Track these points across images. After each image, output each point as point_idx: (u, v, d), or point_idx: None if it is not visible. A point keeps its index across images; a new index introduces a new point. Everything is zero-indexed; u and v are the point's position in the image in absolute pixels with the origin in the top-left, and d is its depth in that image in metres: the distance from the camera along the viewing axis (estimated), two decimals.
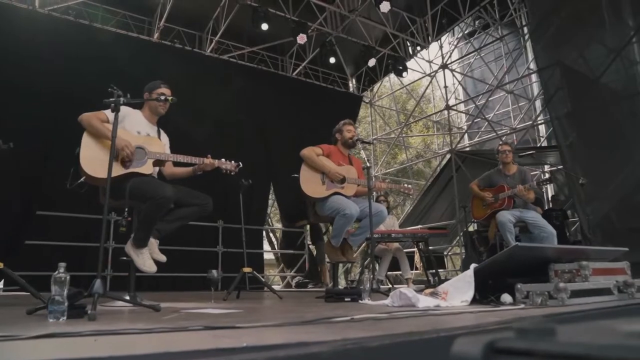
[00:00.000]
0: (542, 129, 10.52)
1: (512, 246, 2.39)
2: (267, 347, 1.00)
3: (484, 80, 11.14)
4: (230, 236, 7.31)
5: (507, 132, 9.80)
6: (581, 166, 6.54)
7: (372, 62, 8.84)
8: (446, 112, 9.30)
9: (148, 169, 2.90)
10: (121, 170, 2.82)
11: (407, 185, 4.22)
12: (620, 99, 6.56)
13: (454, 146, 8.60)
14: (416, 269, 8.08)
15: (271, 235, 16.47)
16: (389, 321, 1.74)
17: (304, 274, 8.86)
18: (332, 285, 4.15)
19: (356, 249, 4.21)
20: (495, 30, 10.00)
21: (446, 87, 9.27)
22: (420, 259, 5.77)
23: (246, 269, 4.02)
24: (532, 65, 9.52)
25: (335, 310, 2.27)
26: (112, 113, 2.91)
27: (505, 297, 2.41)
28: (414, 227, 8.97)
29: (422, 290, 2.88)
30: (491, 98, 10.59)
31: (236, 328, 1.50)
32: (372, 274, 3.37)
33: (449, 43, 11.39)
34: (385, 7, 7.31)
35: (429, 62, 10.82)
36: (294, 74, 9.67)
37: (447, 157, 9.04)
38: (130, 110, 3.10)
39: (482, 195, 5.05)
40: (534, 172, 10.19)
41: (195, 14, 8.41)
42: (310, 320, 1.68)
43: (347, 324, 1.67)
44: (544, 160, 9.35)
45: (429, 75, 10.45)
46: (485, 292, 2.61)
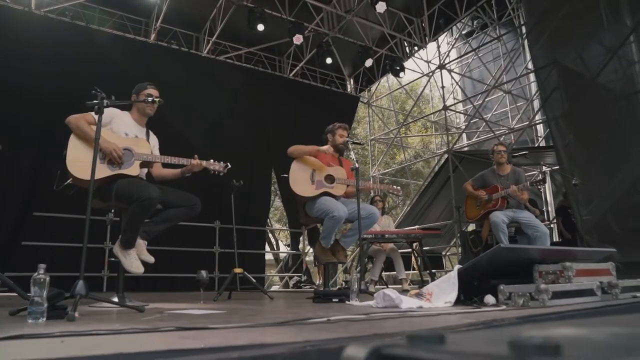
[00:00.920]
0: (540, 128, 10.50)
1: (495, 247, 2.40)
2: (223, 348, 1.01)
3: (482, 80, 11.14)
4: (229, 237, 7.33)
5: (505, 132, 9.78)
6: (578, 166, 6.53)
7: (369, 63, 8.85)
8: (444, 112, 9.28)
9: (135, 170, 2.91)
10: (108, 172, 2.84)
11: (395, 187, 4.22)
12: (619, 99, 6.54)
13: (451, 146, 8.58)
14: (413, 269, 8.10)
15: (270, 236, 16.52)
16: (365, 323, 1.74)
17: (302, 274, 8.88)
18: (323, 286, 4.15)
19: (348, 249, 4.21)
20: (494, 30, 9.99)
21: (443, 87, 9.27)
22: (415, 259, 5.77)
23: (237, 270, 4.04)
24: (531, 65, 9.49)
25: (317, 311, 2.27)
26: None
27: (489, 299, 2.42)
28: (411, 227, 8.98)
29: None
30: (489, 98, 10.58)
31: (208, 329, 1.51)
32: (360, 275, 3.37)
33: (448, 43, 11.37)
34: (381, 7, 7.31)
35: (427, 62, 10.81)
36: (291, 74, 9.69)
37: (445, 157, 9.02)
38: (118, 112, 3.11)
39: (475, 195, 5.05)
40: (531, 172, 10.17)
41: (192, 15, 8.42)
42: (285, 322, 1.69)
43: (323, 325, 1.68)
44: (542, 161, 9.33)
45: (427, 75, 10.44)
46: (470, 293, 2.62)
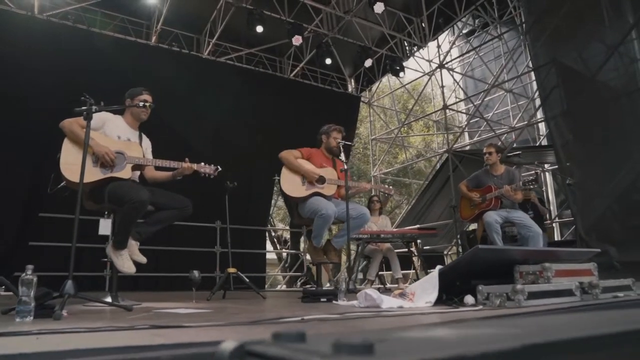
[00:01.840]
0: (542, 127, 10.48)
1: (474, 248, 2.44)
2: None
3: (484, 79, 11.13)
4: (231, 237, 7.42)
5: (506, 131, 9.77)
6: (578, 165, 6.52)
7: (369, 63, 8.89)
8: (445, 111, 9.29)
9: (127, 173, 2.99)
10: (100, 175, 2.91)
11: (388, 187, 4.26)
12: (620, 96, 6.52)
13: (451, 146, 8.60)
14: (414, 268, 8.12)
15: (273, 234, 16.61)
16: (337, 322, 1.80)
17: (303, 274, 8.94)
18: (315, 285, 4.21)
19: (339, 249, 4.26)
20: (494, 28, 9.98)
21: (443, 86, 9.29)
22: (411, 259, 5.81)
23: (231, 270, 4.11)
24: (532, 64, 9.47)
25: (296, 310, 2.33)
26: (94, 120, 3.03)
27: (468, 299, 2.46)
28: (411, 227, 9.01)
29: None
30: (491, 97, 10.57)
31: (182, 327, 1.57)
32: (349, 275, 3.43)
33: (449, 42, 11.37)
34: (379, 7, 7.35)
35: (429, 61, 10.82)
36: (292, 75, 9.75)
37: (445, 156, 9.04)
38: (110, 116, 3.19)
39: (469, 195, 5.09)
40: (532, 172, 10.14)
41: (192, 17, 8.51)
42: (257, 321, 1.75)
43: (294, 324, 1.74)
44: (543, 160, 9.31)
45: (428, 74, 10.45)
46: (453, 293, 2.66)
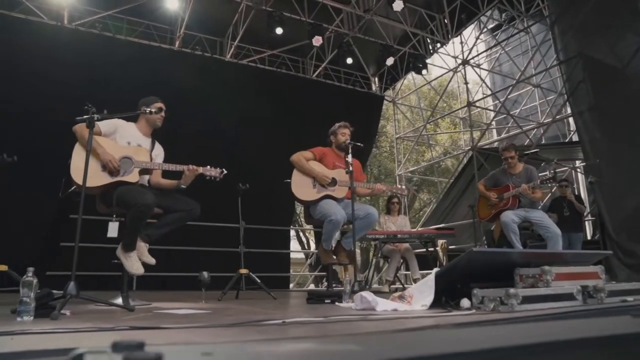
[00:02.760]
0: (572, 122, 10.11)
1: (469, 251, 2.40)
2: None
3: (512, 75, 10.83)
4: (253, 237, 7.54)
5: (534, 127, 9.48)
6: (607, 162, 6.27)
7: (390, 61, 8.82)
8: (469, 108, 9.11)
9: (134, 177, 3.09)
10: (108, 180, 3.03)
11: (401, 187, 4.22)
12: None
13: (475, 143, 8.42)
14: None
15: (301, 234, 16.72)
16: (317, 325, 1.82)
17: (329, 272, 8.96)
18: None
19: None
20: (521, 22, 9.70)
21: (467, 83, 9.10)
22: (431, 259, 5.74)
23: (242, 270, 4.18)
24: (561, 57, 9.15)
25: (297, 312, 2.36)
26: (104, 125, 3.16)
27: (464, 302, 2.43)
28: (437, 226, 8.89)
29: None
30: (519, 92, 10.28)
31: (160, 329, 1.63)
32: (354, 276, 3.43)
33: (476, 37, 11.13)
34: (398, 5, 7.29)
35: (455, 57, 10.62)
36: (314, 75, 9.78)
37: (471, 154, 8.87)
38: (123, 122, 3.31)
39: (487, 195, 4.99)
40: (562, 169, 9.80)
41: (215, 21, 8.68)
42: (237, 323, 1.79)
43: (277, 327, 1.77)
44: (574, 156, 9.00)
45: (452, 70, 10.27)
46: (453, 296, 2.63)
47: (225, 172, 3.43)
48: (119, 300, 3.12)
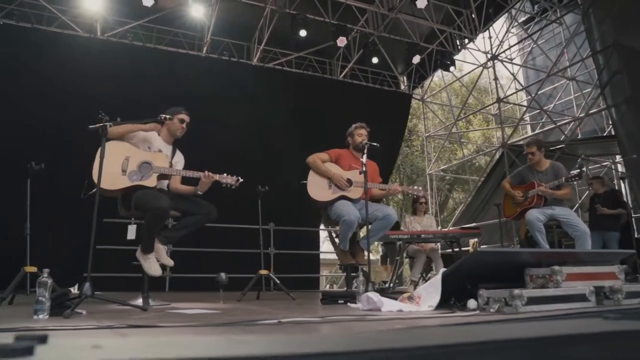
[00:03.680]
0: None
1: (474, 252, 2.36)
2: None
3: (546, 68, 10.45)
4: (283, 239, 7.64)
5: (569, 121, 9.12)
6: None
7: (417, 59, 8.72)
8: (499, 104, 8.88)
9: (152, 182, 3.21)
10: (128, 183, 3.16)
11: (417, 188, 4.17)
12: None
13: (506, 140, 8.20)
14: None
15: (334, 235, 16.72)
16: (312, 325, 1.84)
17: (357, 274, 8.93)
18: (347, 287, 4.23)
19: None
20: (554, 13, 9.36)
21: (496, 79, 8.85)
22: (454, 259, 5.63)
23: (262, 272, 4.25)
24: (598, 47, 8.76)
25: (292, 312, 2.39)
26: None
27: (471, 303, 2.40)
28: (469, 225, 8.70)
29: None
30: (553, 86, 9.93)
31: (156, 327, 1.70)
32: (368, 276, 3.43)
33: (507, 31, 10.83)
34: (421, 3, 7.20)
35: (485, 53, 10.37)
36: (342, 76, 9.78)
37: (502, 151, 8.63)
38: (145, 128, 3.44)
39: (512, 193, 4.85)
40: (603, 163, 9.38)
41: (241, 26, 8.82)
42: (232, 323, 1.84)
43: (269, 327, 1.80)
44: (613, 151, 8.60)
45: (483, 66, 10.03)
46: (463, 297, 2.59)
47: (242, 180, 3.49)
48: (139, 301, 3.24)
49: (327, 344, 0.61)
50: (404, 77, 10.79)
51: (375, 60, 8.70)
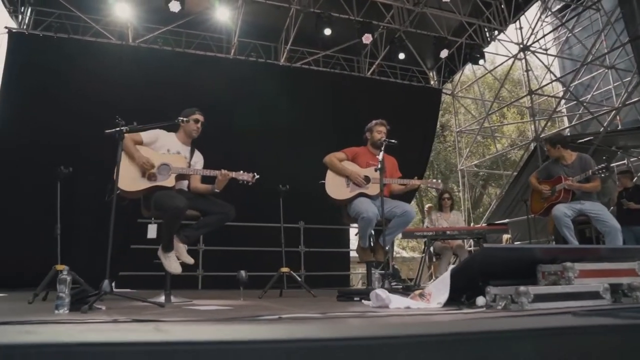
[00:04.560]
0: None
1: (481, 248, 2.32)
2: None
3: (582, 57, 10.02)
4: (314, 237, 7.70)
5: (607, 111, 8.71)
6: None
7: (444, 54, 8.57)
8: (530, 97, 8.60)
9: (170, 182, 3.33)
10: (147, 184, 3.29)
11: (435, 181, 4.12)
12: None
13: (539, 133, 7.94)
14: None
15: None
16: (313, 321, 1.87)
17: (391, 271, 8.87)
18: (368, 284, 4.23)
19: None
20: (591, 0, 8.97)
21: (528, 70, 8.56)
22: None
23: (284, 269, 4.31)
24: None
25: (299, 309, 2.43)
26: (146, 136, 3.43)
27: (479, 300, 2.36)
28: (502, 221, 8.49)
29: None
30: (591, 75, 9.52)
31: (159, 322, 1.77)
32: (385, 273, 3.42)
33: (542, 21, 10.45)
34: None
35: (519, 44, 10.05)
36: (369, 73, 9.73)
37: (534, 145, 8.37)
38: (163, 133, 3.57)
39: (539, 188, 4.72)
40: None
41: (267, 27, 8.90)
42: (235, 318, 1.89)
43: (269, 323, 1.84)
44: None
45: (513, 57, 9.72)
46: (475, 294, 2.56)
47: (258, 176, 3.55)
48: (161, 298, 3.37)
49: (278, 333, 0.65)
50: (434, 72, 10.62)
51: (402, 56, 8.61)
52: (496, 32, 9.22)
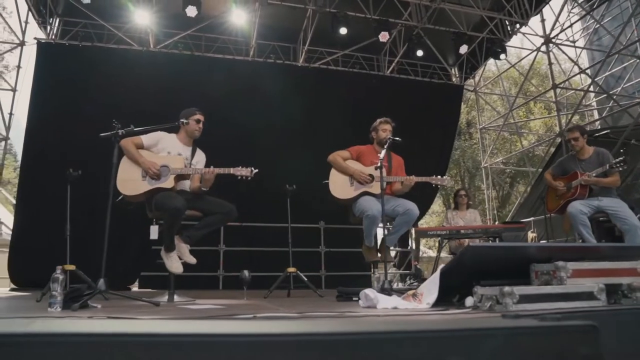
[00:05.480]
0: None
1: (468, 247, 2.26)
2: None
3: (612, 48, 9.61)
4: (334, 237, 7.70)
5: (637, 103, 8.31)
6: None
7: (464, 49, 8.39)
8: (554, 91, 8.30)
9: (170, 183, 3.38)
10: (148, 187, 3.36)
11: (440, 177, 3.99)
12: None
13: (564, 128, 7.65)
14: None
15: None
16: (289, 321, 1.87)
17: (411, 272, 8.76)
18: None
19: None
20: None
21: (551, 63, 8.27)
22: None
23: (290, 269, 4.32)
24: None
25: (289, 309, 2.43)
26: (147, 139, 3.51)
27: (468, 300, 2.30)
28: (527, 219, 8.24)
29: None
30: (623, 66, 9.13)
31: (133, 319, 1.81)
32: (385, 274, 3.38)
33: (568, 11, 10.10)
34: None
35: (543, 37, 9.74)
36: (389, 71, 9.63)
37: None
38: (164, 135, 3.63)
39: (554, 184, 4.55)
40: None
41: (285, 28, 8.95)
42: (210, 317, 1.91)
43: (246, 321, 1.85)
44: None
45: (537, 50, 9.40)
46: (467, 294, 2.49)
47: (256, 170, 3.52)
48: (165, 297, 3.44)
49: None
50: (455, 69, 10.41)
51: (421, 53, 8.49)
52: (518, 26, 8.95)
